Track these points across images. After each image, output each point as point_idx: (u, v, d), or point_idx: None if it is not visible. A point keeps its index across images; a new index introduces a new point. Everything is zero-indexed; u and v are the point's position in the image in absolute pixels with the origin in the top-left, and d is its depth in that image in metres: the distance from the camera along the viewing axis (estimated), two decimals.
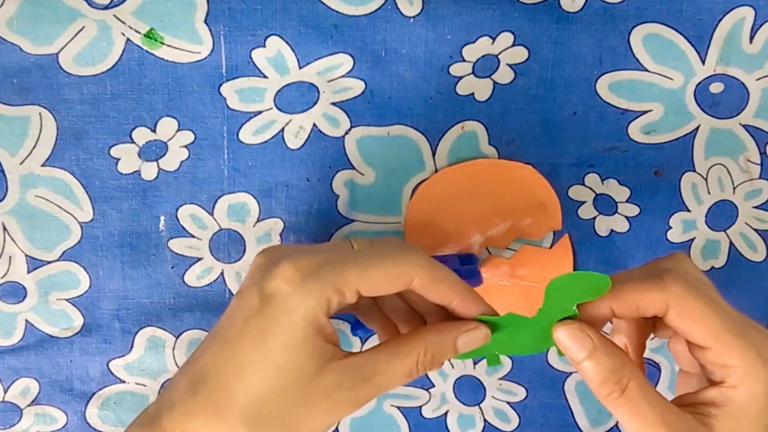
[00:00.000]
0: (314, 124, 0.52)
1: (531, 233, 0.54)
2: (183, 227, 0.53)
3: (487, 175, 0.53)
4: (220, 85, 0.51)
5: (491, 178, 0.53)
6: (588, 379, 0.43)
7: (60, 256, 0.53)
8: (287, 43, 0.50)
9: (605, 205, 0.55)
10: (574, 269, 0.55)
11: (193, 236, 0.53)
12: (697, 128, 0.53)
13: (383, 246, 0.45)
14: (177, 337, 0.54)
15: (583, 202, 0.54)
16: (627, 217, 0.55)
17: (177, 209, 0.52)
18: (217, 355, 0.42)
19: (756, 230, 0.56)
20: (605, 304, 0.43)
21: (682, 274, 0.43)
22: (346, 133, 0.52)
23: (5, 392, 0.54)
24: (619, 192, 0.54)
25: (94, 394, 0.55)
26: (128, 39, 0.49)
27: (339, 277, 0.41)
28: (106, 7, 0.49)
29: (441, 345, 0.44)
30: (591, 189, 0.54)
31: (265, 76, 0.51)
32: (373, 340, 0.56)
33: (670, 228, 0.55)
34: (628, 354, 0.47)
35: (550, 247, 0.55)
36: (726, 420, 0.43)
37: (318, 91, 0.51)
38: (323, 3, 0.50)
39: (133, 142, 0.51)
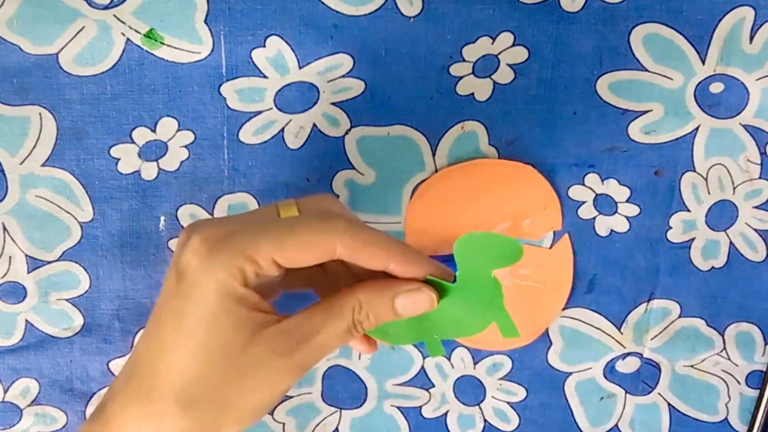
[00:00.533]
0: (314, 124, 0.52)
1: (531, 233, 0.54)
2: (183, 227, 0.53)
3: (487, 176, 0.53)
4: (220, 85, 0.51)
5: (491, 178, 0.53)
6: None
7: (60, 256, 0.53)
8: (287, 43, 0.50)
9: (605, 205, 0.55)
10: (575, 269, 0.55)
11: None
12: (697, 128, 0.53)
13: (307, 212, 0.42)
14: None
15: (583, 202, 0.54)
16: (627, 217, 0.55)
17: (177, 209, 0.52)
18: (144, 341, 0.41)
19: (756, 230, 0.56)
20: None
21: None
22: (346, 133, 0.52)
23: (5, 392, 0.54)
24: (619, 192, 0.54)
25: (95, 394, 0.55)
26: (128, 39, 0.49)
27: (249, 246, 0.39)
28: (106, 7, 0.49)
29: (378, 303, 0.42)
30: (591, 189, 0.54)
31: (265, 76, 0.51)
32: None
33: (670, 228, 0.55)
34: None
35: (550, 247, 0.55)
36: None
37: (318, 91, 0.51)
38: (323, 3, 0.50)
39: (133, 142, 0.51)
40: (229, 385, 0.40)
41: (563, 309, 0.55)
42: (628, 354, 0.57)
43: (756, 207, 0.55)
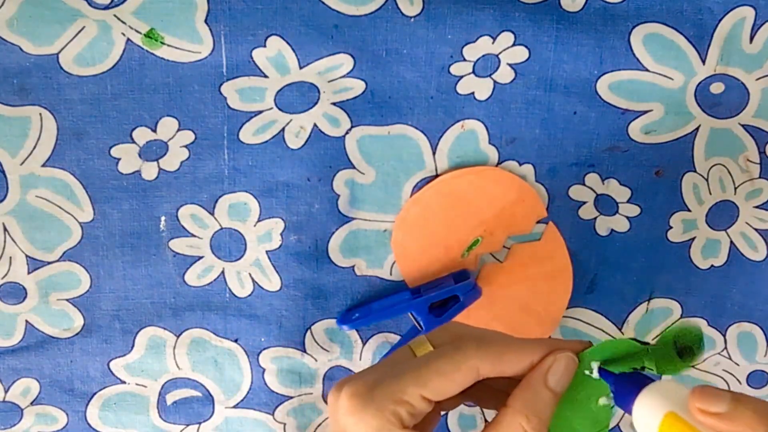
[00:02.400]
0: (315, 124, 0.52)
1: (520, 228, 0.54)
2: (183, 227, 0.53)
3: (457, 187, 0.53)
4: (221, 85, 0.51)
5: (461, 188, 0.53)
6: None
7: (60, 257, 0.53)
8: (288, 43, 0.50)
9: (606, 205, 0.55)
10: (575, 269, 0.55)
11: (193, 236, 0.53)
12: (697, 128, 0.53)
13: (440, 343, 0.43)
14: (178, 337, 0.54)
15: (584, 203, 0.54)
16: (627, 217, 0.55)
17: (177, 209, 0.52)
18: None
19: (756, 230, 0.56)
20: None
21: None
22: (347, 132, 0.52)
23: (6, 392, 0.54)
24: (619, 192, 0.54)
25: (95, 394, 0.55)
26: (129, 39, 0.49)
27: (396, 390, 0.40)
28: (107, 7, 0.49)
29: (536, 399, 0.41)
30: (591, 189, 0.54)
31: (265, 76, 0.51)
32: (364, 331, 0.56)
33: (671, 228, 0.55)
34: None
35: (539, 239, 0.55)
36: None
37: (318, 91, 0.51)
38: (324, 3, 0.50)
39: (133, 142, 0.51)
40: None
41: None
42: None
43: (756, 207, 0.55)
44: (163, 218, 0.53)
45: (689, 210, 0.55)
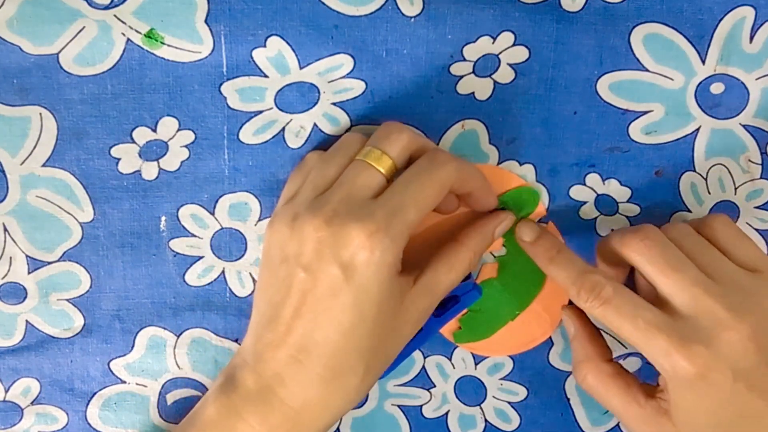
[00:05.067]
0: (315, 124, 0.52)
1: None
2: (184, 227, 0.53)
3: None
4: (221, 85, 0.51)
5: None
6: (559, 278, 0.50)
7: (60, 257, 0.53)
8: (288, 43, 0.50)
9: (606, 205, 0.55)
10: None
11: (194, 235, 0.53)
12: (697, 129, 0.53)
13: (417, 172, 0.47)
14: (178, 337, 0.54)
15: (584, 203, 0.54)
16: (628, 217, 0.55)
17: (178, 209, 0.52)
18: (314, 329, 0.45)
19: (757, 230, 0.56)
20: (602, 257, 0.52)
21: (598, 284, 0.48)
22: (347, 132, 0.52)
23: (6, 392, 0.54)
24: (619, 192, 0.54)
25: (95, 394, 0.55)
26: (128, 39, 0.49)
27: (406, 226, 0.45)
28: (107, 7, 0.49)
29: (484, 242, 0.51)
30: (592, 189, 0.54)
31: (265, 76, 0.51)
32: None
33: None
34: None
35: None
36: (672, 407, 0.47)
37: (318, 92, 0.51)
38: (324, 3, 0.50)
39: (133, 141, 0.51)
40: (390, 344, 0.47)
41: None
42: (629, 354, 0.56)
43: (757, 207, 0.55)
44: (163, 218, 0.53)
45: (689, 210, 0.55)
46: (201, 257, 0.53)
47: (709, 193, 0.54)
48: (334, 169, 0.48)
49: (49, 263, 0.53)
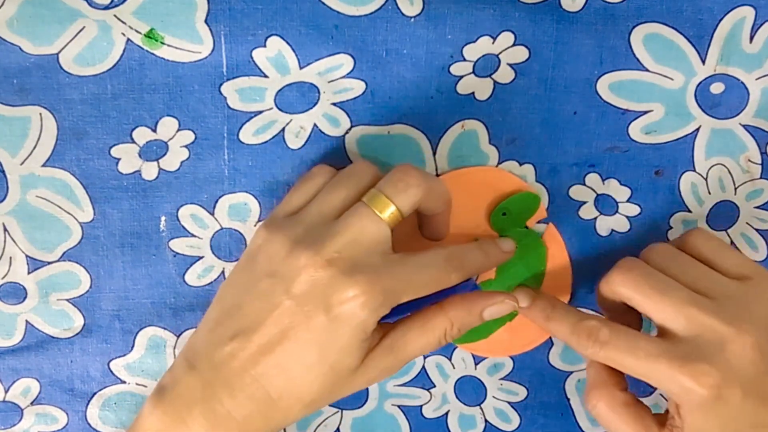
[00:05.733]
0: (315, 124, 0.52)
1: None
2: (184, 227, 0.53)
3: (456, 187, 0.53)
4: (221, 85, 0.51)
5: (461, 189, 0.53)
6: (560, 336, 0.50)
7: (60, 257, 0.53)
8: (288, 43, 0.50)
9: (606, 205, 0.55)
10: (575, 269, 0.55)
11: (194, 236, 0.53)
12: (697, 129, 0.53)
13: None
14: (178, 337, 0.54)
15: (584, 202, 0.54)
16: (628, 217, 0.55)
17: (178, 209, 0.52)
18: (281, 355, 0.45)
19: (757, 230, 0.56)
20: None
21: (615, 272, 0.49)
22: (347, 132, 0.52)
23: (6, 392, 0.54)
24: (619, 192, 0.54)
25: (95, 394, 0.55)
26: (128, 39, 0.49)
27: (398, 300, 0.45)
28: (107, 7, 0.49)
29: (467, 318, 0.48)
30: (592, 189, 0.54)
31: (265, 76, 0.51)
32: None
33: (671, 228, 0.55)
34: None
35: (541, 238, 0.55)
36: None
37: (318, 92, 0.51)
38: (324, 3, 0.50)
39: (133, 142, 0.51)
40: (339, 390, 0.47)
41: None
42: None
43: (757, 207, 0.55)
44: (163, 218, 0.53)
45: (689, 210, 0.55)
46: (201, 257, 0.53)
47: (709, 193, 0.54)
48: (343, 198, 0.47)
49: (49, 263, 0.53)
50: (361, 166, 0.49)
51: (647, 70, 0.52)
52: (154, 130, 0.51)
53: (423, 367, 0.56)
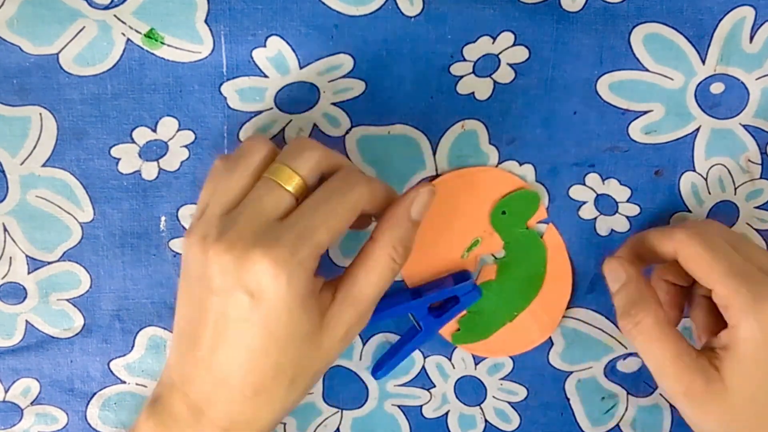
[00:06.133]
0: (315, 124, 0.52)
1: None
2: (184, 227, 0.53)
3: (457, 188, 0.53)
4: (221, 85, 0.51)
5: (461, 189, 0.53)
6: (616, 308, 0.49)
7: (60, 257, 0.53)
8: (288, 43, 0.50)
9: (606, 205, 0.55)
10: (575, 269, 0.55)
11: None
12: (697, 129, 0.53)
13: (327, 195, 0.46)
14: None
15: (584, 203, 0.54)
16: (628, 217, 0.55)
17: (178, 209, 0.52)
18: (230, 350, 0.45)
19: (757, 230, 0.56)
20: (632, 250, 0.51)
21: (690, 226, 0.49)
22: (347, 132, 0.52)
23: (6, 392, 0.54)
24: (619, 192, 0.54)
25: (95, 394, 0.55)
26: (128, 39, 0.49)
27: (315, 249, 0.44)
28: (107, 7, 0.49)
29: (400, 230, 0.47)
30: (592, 189, 0.54)
31: (265, 76, 0.51)
32: (364, 331, 0.56)
33: None
34: (656, 296, 0.50)
35: (541, 239, 0.55)
36: (731, 361, 0.46)
37: (318, 91, 0.51)
38: (324, 3, 0.50)
39: (133, 142, 0.51)
40: (317, 358, 0.46)
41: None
42: (629, 354, 0.56)
43: (757, 207, 0.55)
44: (163, 218, 0.53)
45: (689, 210, 0.55)
46: None
47: (709, 193, 0.54)
48: (240, 182, 0.46)
49: (49, 263, 0.53)
50: (253, 143, 0.47)
51: (647, 70, 0.52)
52: (154, 130, 0.51)
53: (423, 367, 0.56)
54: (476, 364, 0.57)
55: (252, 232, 0.44)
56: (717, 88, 0.53)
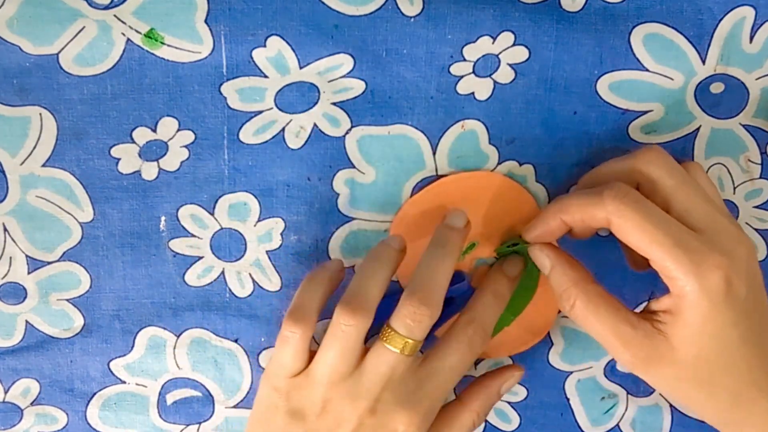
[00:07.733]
0: (315, 124, 0.52)
1: (516, 233, 0.54)
2: (183, 227, 0.53)
3: (454, 191, 0.53)
4: (221, 85, 0.51)
5: (459, 192, 0.53)
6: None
7: (60, 257, 0.53)
8: (288, 43, 0.50)
9: None
10: None
11: (193, 236, 0.53)
12: (697, 129, 0.53)
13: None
14: (178, 337, 0.54)
15: None
16: None
17: (177, 209, 0.52)
18: None
19: (756, 230, 0.56)
20: (556, 218, 0.49)
21: (621, 190, 0.46)
22: (347, 132, 0.52)
23: (6, 393, 0.54)
24: None
25: (95, 394, 0.55)
26: (128, 39, 0.49)
27: (435, 401, 0.50)
28: (107, 7, 0.49)
29: (488, 402, 0.53)
30: None
31: (265, 76, 0.51)
32: None
33: None
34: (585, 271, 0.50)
35: None
36: (678, 327, 0.46)
37: (318, 92, 0.51)
38: (324, 3, 0.50)
39: (133, 142, 0.51)
40: None
41: None
42: None
43: (756, 207, 0.55)
44: (163, 218, 0.53)
45: None
46: (201, 257, 0.53)
47: None
48: (352, 359, 0.49)
49: (49, 263, 0.53)
50: (354, 301, 0.50)
51: (647, 70, 0.52)
52: (154, 130, 0.51)
53: None
54: (476, 364, 0.57)
55: (392, 397, 0.49)
56: (717, 87, 0.53)
